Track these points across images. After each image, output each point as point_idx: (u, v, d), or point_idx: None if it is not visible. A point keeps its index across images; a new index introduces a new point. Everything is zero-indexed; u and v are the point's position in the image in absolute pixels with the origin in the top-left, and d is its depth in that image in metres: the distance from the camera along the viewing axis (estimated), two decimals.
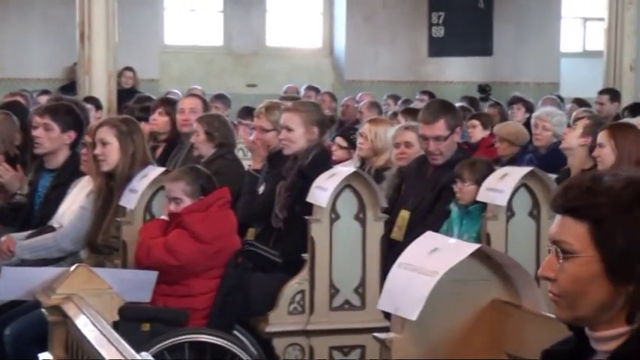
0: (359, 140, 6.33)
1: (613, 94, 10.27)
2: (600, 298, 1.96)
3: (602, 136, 5.44)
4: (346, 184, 4.80)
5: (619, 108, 9.80)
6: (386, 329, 2.79)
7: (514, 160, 7.19)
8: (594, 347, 2.01)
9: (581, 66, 14.93)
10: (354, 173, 4.87)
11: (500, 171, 5.00)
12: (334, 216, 4.79)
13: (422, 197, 5.27)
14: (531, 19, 14.94)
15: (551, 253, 2.02)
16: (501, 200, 4.76)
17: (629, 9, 11.34)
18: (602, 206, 1.94)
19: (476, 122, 8.36)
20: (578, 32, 15.87)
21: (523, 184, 4.83)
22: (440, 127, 5.28)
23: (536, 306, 2.65)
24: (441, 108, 5.46)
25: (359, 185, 4.82)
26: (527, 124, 8.23)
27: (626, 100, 10.54)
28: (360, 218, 4.83)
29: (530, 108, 10.02)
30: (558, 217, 2.02)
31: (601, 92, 10.35)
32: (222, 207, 4.65)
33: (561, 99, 11.47)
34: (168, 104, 7.12)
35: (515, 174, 4.87)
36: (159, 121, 6.91)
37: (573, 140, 5.99)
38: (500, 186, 4.80)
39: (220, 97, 10.41)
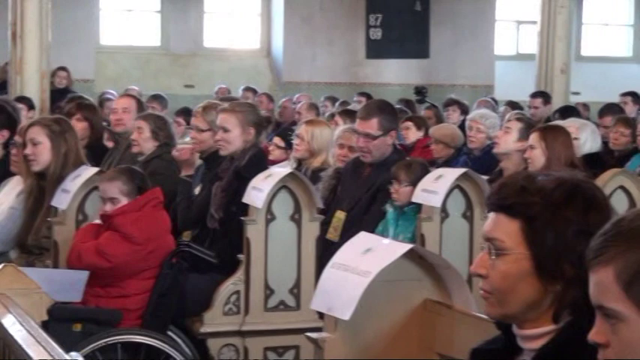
0: (295, 141, 6.33)
1: (544, 96, 10.41)
2: (529, 296, 1.98)
3: (533, 138, 5.51)
4: (282, 185, 4.80)
5: (551, 110, 9.94)
6: (320, 329, 2.79)
7: (449, 162, 7.25)
8: (521, 345, 2.04)
9: (515, 69, 15.11)
10: (290, 174, 4.87)
11: (435, 172, 5.04)
12: (270, 217, 4.79)
13: (357, 198, 5.29)
14: (467, 23, 15.09)
15: (484, 250, 2.05)
16: (436, 201, 4.80)
17: (560, 12, 11.48)
18: (535, 205, 1.98)
19: (409, 124, 8.43)
20: (512, 35, 16.07)
21: (457, 186, 4.88)
22: (372, 126, 5.31)
23: (467, 306, 2.68)
24: (377, 107, 5.49)
25: (295, 186, 4.82)
26: (462, 126, 8.30)
27: (557, 102, 10.67)
28: (296, 219, 4.83)
29: (465, 110, 10.10)
30: (492, 214, 2.05)
31: (533, 95, 10.48)
32: (156, 207, 4.63)
33: (496, 101, 11.60)
34: (86, 109, 7.03)
35: (450, 175, 4.91)
36: (77, 126, 6.80)
37: (510, 145, 6.01)
38: (435, 187, 4.84)
39: (157, 98, 10.33)
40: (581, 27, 16.09)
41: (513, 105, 10.48)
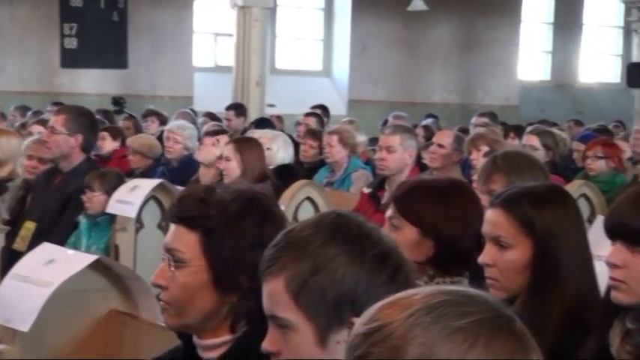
0: None
1: (239, 108, 10.62)
2: (206, 307, 2.01)
3: (228, 150, 5.62)
4: None
5: (246, 122, 10.16)
6: None
7: (147, 172, 7.22)
8: (201, 355, 2.07)
9: (214, 80, 15.30)
10: None
11: (130, 183, 5.01)
12: None
13: (47, 208, 5.14)
14: (165, 34, 15.08)
15: (165, 261, 2.05)
16: (131, 212, 4.77)
17: (255, 25, 11.75)
18: (213, 217, 2.01)
19: (105, 134, 8.31)
20: (210, 47, 16.25)
21: (152, 197, 4.87)
22: (57, 121, 5.23)
23: (154, 317, 2.67)
24: (71, 108, 5.53)
25: None
26: (161, 137, 8.30)
27: (253, 114, 10.92)
28: None
29: (164, 121, 10.11)
30: (173, 226, 2.06)
31: (228, 108, 10.66)
32: None
33: (195, 113, 11.70)
34: None
35: (145, 186, 4.90)
36: None
37: (211, 156, 6.13)
38: (130, 198, 4.81)
39: None
40: (275, 40, 16.57)
41: (212, 116, 10.62)
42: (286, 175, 6.10)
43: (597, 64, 19.12)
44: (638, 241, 2.16)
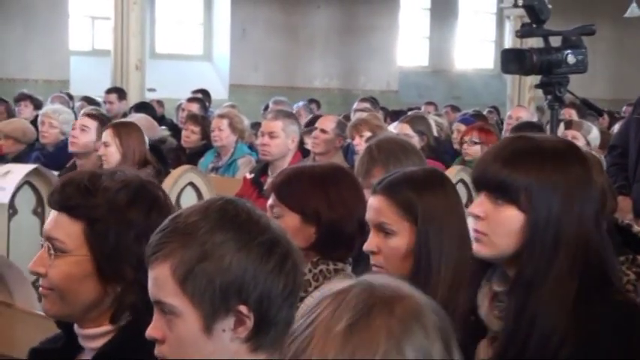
0: None
1: (120, 92, 10.44)
2: (89, 297, 1.96)
3: (107, 135, 5.49)
4: None
5: (127, 106, 9.99)
6: None
7: (20, 158, 7.03)
8: (82, 344, 2.02)
9: (91, 64, 14.99)
10: None
11: (2, 168, 4.88)
12: None
13: None
14: (39, 17, 14.71)
15: (44, 247, 1.99)
16: (3, 198, 4.64)
17: (134, 9, 11.55)
18: (98, 207, 1.95)
19: None
20: (87, 31, 15.92)
21: (27, 182, 4.75)
22: None
23: (30, 305, 2.60)
24: None
25: None
26: (35, 121, 8.09)
27: (133, 98, 10.76)
28: None
29: (38, 105, 9.86)
30: (55, 213, 1.99)
31: (108, 91, 10.46)
32: None
33: (71, 97, 11.43)
34: None
35: (19, 171, 4.78)
36: None
37: (89, 143, 5.95)
38: (3, 184, 4.67)
39: None
40: (155, 24, 16.35)
41: (90, 100, 10.41)
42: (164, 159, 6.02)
43: (472, 50, 19.51)
44: (500, 193, 2.13)
